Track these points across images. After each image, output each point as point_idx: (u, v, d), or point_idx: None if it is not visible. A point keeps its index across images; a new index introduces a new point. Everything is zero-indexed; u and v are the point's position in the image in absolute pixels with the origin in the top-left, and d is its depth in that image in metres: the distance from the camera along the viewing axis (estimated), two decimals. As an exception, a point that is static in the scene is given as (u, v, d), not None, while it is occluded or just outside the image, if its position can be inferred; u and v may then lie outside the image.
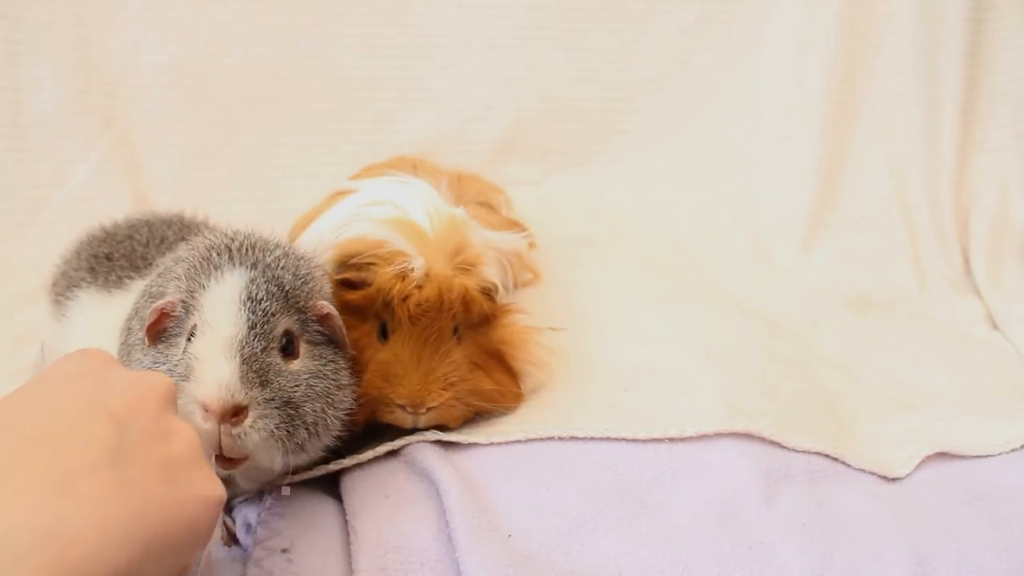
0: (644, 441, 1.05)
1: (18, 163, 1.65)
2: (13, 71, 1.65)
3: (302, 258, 0.98)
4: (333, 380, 0.93)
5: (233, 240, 0.94)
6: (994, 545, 0.95)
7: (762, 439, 1.07)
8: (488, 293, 1.08)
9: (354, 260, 1.06)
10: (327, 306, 0.96)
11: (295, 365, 0.90)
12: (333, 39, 1.80)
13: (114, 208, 1.66)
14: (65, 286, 1.19)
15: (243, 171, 1.76)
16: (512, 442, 1.05)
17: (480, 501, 0.95)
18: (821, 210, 1.81)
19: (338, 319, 0.96)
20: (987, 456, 1.12)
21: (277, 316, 0.89)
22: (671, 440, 1.06)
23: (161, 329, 0.91)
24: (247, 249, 0.93)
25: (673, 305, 1.46)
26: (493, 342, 1.10)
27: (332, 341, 0.96)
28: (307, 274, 0.96)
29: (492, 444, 1.05)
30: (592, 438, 1.05)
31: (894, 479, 1.09)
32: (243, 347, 0.86)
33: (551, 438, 1.05)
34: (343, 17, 1.80)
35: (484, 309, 1.07)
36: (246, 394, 0.84)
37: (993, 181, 1.80)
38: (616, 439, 1.05)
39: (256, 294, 0.89)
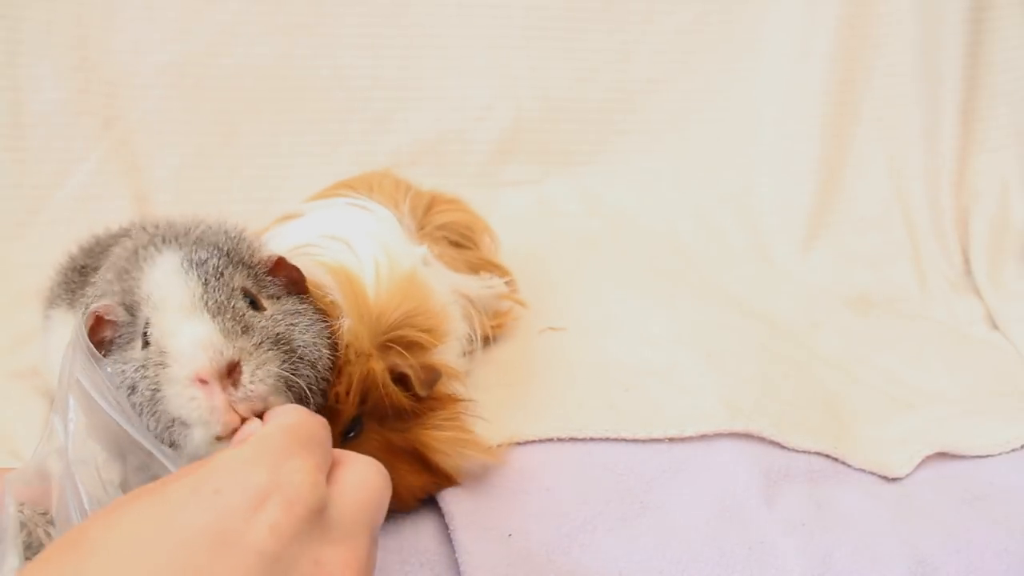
0: (644, 441, 1.05)
1: (18, 163, 1.65)
2: (13, 71, 1.65)
3: (226, 224, 0.90)
4: (308, 321, 0.85)
5: (155, 233, 0.87)
6: (994, 545, 0.95)
7: (762, 439, 1.07)
8: (407, 382, 0.90)
9: None
10: (275, 253, 0.88)
11: (267, 313, 0.82)
12: (333, 39, 1.80)
13: (114, 208, 1.66)
14: (46, 303, 1.13)
15: (243, 171, 1.76)
16: (511, 445, 1.05)
17: (479, 502, 0.95)
18: (821, 210, 1.81)
19: (290, 262, 0.88)
20: (987, 456, 1.12)
21: (227, 272, 0.81)
22: (671, 440, 1.06)
23: (105, 339, 0.82)
24: (169, 236, 0.86)
25: (673, 305, 1.46)
26: (408, 440, 0.92)
27: (293, 292, 0.88)
28: (239, 234, 0.89)
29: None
30: (592, 439, 1.05)
31: (894, 479, 1.09)
32: (207, 303, 0.78)
33: (550, 439, 1.05)
34: (343, 17, 1.80)
35: (397, 401, 0.89)
36: (233, 346, 0.75)
37: (993, 181, 1.80)
38: (616, 439, 1.05)
39: (197, 258, 0.81)
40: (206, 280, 0.79)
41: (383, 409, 0.89)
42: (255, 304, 0.82)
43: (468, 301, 1.17)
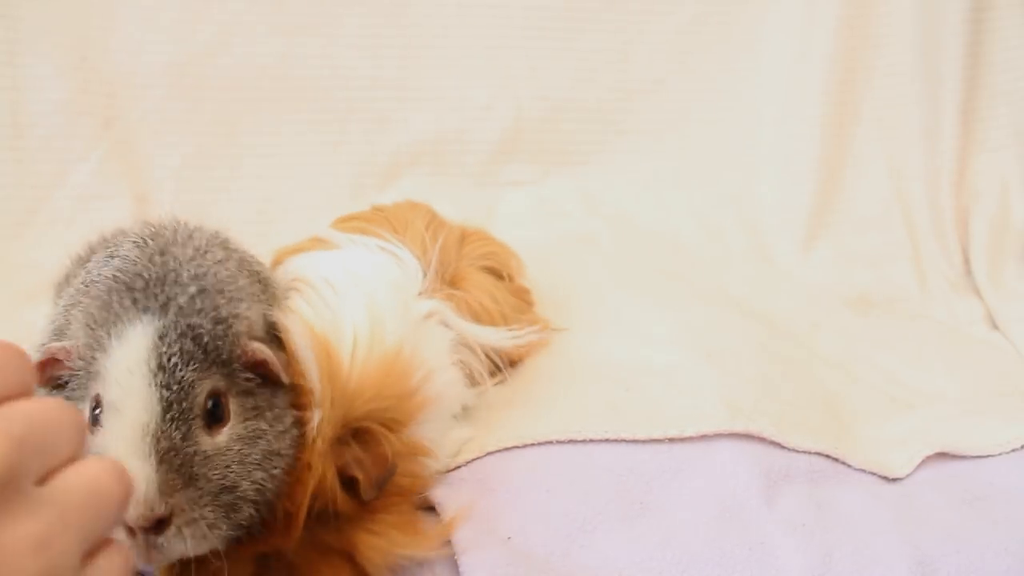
0: (644, 442, 1.05)
1: (18, 163, 1.65)
2: (13, 71, 1.66)
3: (224, 289, 0.81)
4: (272, 433, 0.79)
5: (140, 272, 0.78)
6: (994, 545, 0.95)
7: (762, 439, 1.07)
8: (355, 486, 0.84)
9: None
10: (259, 350, 0.80)
11: (223, 436, 0.76)
12: (333, 39, 1.80)
13: (114, 208, 1.67)
14: (56, 291, 1.06)
15: (243, 171, 1.76)
16: (510, 448, 1.05)
17: (478, 504, 0.95)
18: (821, 210, 1.81)
19: (274, 361, 0.80)
20: (987, 456, 1.12)
21: (198, 382, 0.75)
22: (671, 441, 1.05)
23: (54, 376, 0.78)
24: (155, 284, 0.77)
25: (673, 305, 1.46)
26: (340, 541, 0.86)
27: (267, 385, 0.81)
28: (230, 315, 0.79)
29: (488, 453, 1.04)
30: (592, 439, 1.05)
31: (894, 479, 1.09)
32: (158, 440, 0.71)
33: (549, 442, 1.05)
34: (343, 17, 1.80)
35: (341, 507, 0.84)
36: (167, 502, 0.70)
37: (993, 181, 1.80)
38: (616, 440, 1.05)
39: (168, 360, 0.74)
40: (168, 404, 0.73)
41: (324, 510, 0.84)
42: (218, 408, 0.76)
43: (478, 349, 1.15)
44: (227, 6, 1.76)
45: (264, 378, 0.81)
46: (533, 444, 1.04)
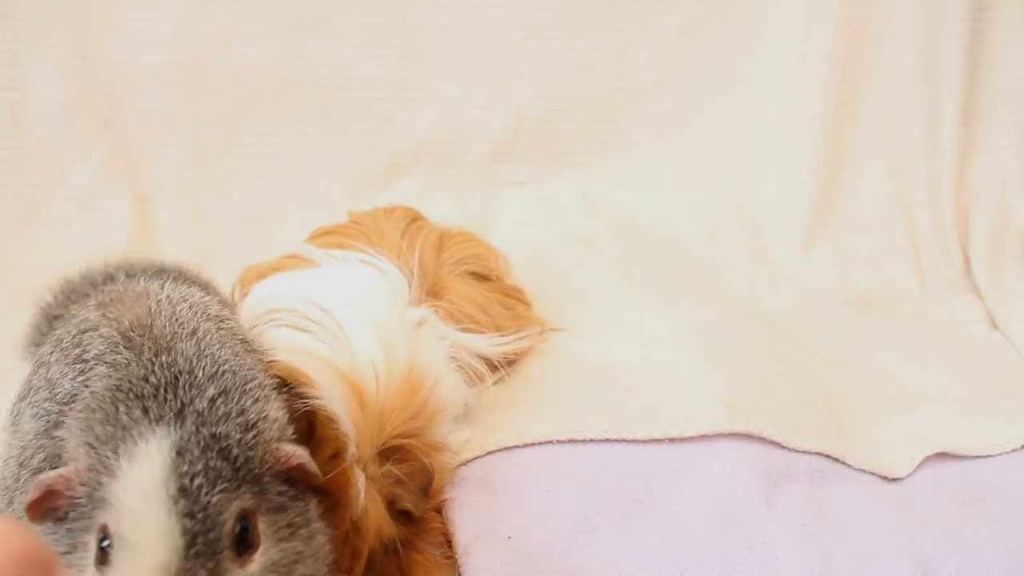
0: (644, 442, 1.05)
1: (18, 163, 1.65)
2: (13, 71, 1.65)
3: (249, 386, 0.71)
4: (309, 553, 0.69)
5: (146, 367, 0.68)
6: (994, 545, 0.95)
7: (762, 439, 1.07)
8: (408, 513, 0.86)
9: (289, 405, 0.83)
10: (295, 454, 0.70)
11: (255, 565, 0.65)
12: (333, 39, 1.80)
13: (114, 208, 1.66)
14: (18, 352, 0.99)
15: (243, 171, 1.76)
16: (511, 447, 1.05)
17: (480, 503, 0.95)
18: (821, 210, 1.81)
19: (312, 464, 0.71)
20: (987, 456, 1.12)
21: (225, 504, 0.63)
22: (671, 440, 1.06)
23: (54, 509, 0.66)
24: (167, 388, 0.67)
25: (673, 305, 1.46)
26: (399, 568, 0.87)
27: (301, 494, 0.72)
28: (259, 418, 0.69)
29: (488, 453, 1.04)
30: (592, 439, 1.05)
31: (894, 479, 1.09)
32: None
33: (549, 442, 1.05)
34: (343, 17, 1.80)
35: (393, 537, 0.85)
36: None
37: (993, 181, 1.80)
38: (616, 440, 1.05)
39: (191, 481, 0.62)
40: (192, 536, 0.61)
41: (381, 539, 0.85)
42: (247, 532, 0.65)
43: (473, 357, 1.15)
44: (227, 6, 1.75)
45: (295, 485, 0.71)
46: (534, 443, 1.05)
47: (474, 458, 1.04)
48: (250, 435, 0.67)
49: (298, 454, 0.70)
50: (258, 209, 1.74)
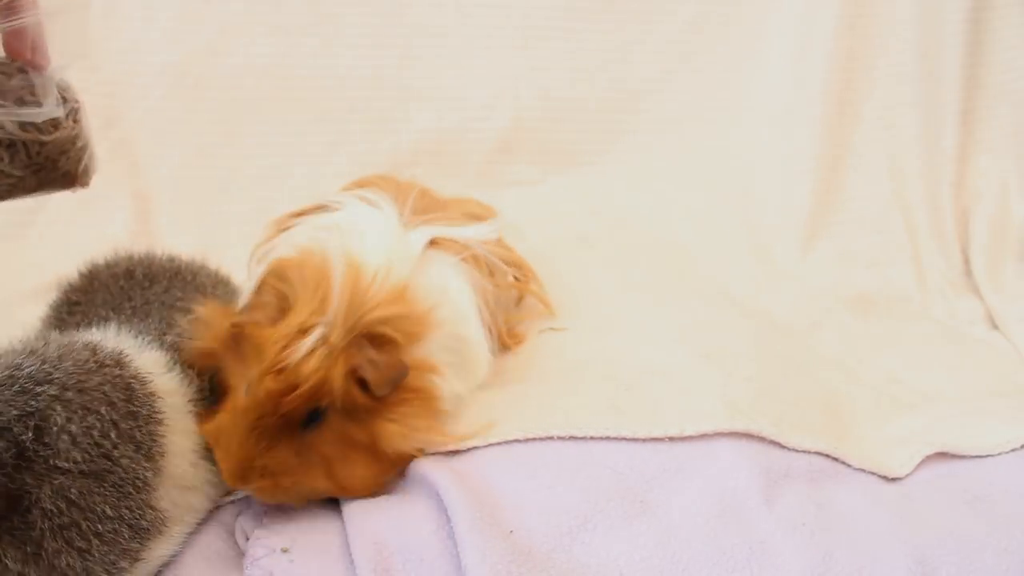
0: (644, 440, 1.05)
1: (18, 163, 1.64)
2: (13, 71, 1.65)
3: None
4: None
5: None
6: (994, 545, 0.95)
7: (762, 439, 1.07)
8: (364, 382, 0.97)
9: (253, 303, 1.04)
10: None
11: None
12: (333, 39, 1.80)
13: (114, 208, 1.67)
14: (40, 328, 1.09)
15: (243, 171, 1.76)
16: (511, 441, 1.05)
17: (480, 498, 0.95)
18: (821, 210, 1.81)
19: None
20: (987, 456, 1.12)
21: None
22: (671, 439, 1.06)
23: None
24: None
25: (673, 305, 1.46)
26: (366, 432, 0.99)
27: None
28: None
29: (490, 445, 1.05)
30: (592, 437, 1.05)
31: (894, 479, 1.09)
32: None
33: (550, 438, 1.05)
34: (343, 17, 1.80)
35: (353, 400, 0.97)
36: None
37: (993, 181, 1.80)
38: (616, 438, 1.05)
39: None
40: None
41: (346, 404, 0.96)
42: None
43: (482, 255, 1.25)
44: (227, 6, 1.76)
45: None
46: (535, 439, 1.05)
47: (474, 447, 1.04)
48: None
49: None
50: (258, 209, 1.73)
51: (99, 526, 0.83)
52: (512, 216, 1.74)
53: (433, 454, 1.04)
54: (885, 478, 1.09)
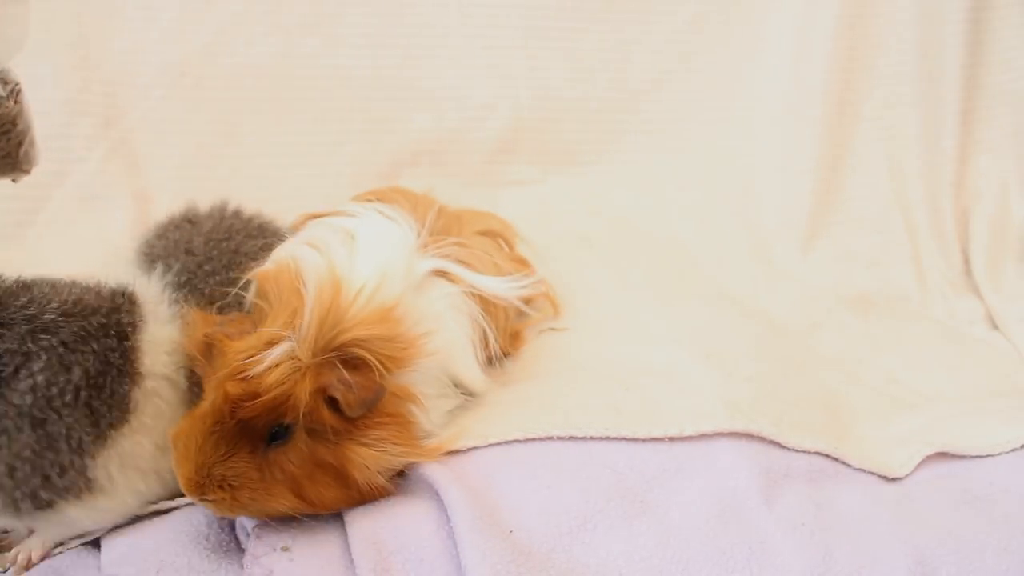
0: (644, 440, 1.05)
1: (18, 163, 1.64)
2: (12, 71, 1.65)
3: None
4: None
5: None
6: (994, 545, 0.95)
7: (762, 439, 1.07)
8: (335, 402, 0.94)
9: (228, 319, 1.01)
10: None
11: None
12: (334, 39, 1.80)
13: (114, 208, 1.66)
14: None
15: (243, 171, 1.76)
16: (511, 442, 1.05)
17: (480, 498, 0.95)
18: (821, 210, 1.81)
19: None
20: (987, 456, 1.12)
21: None
22: (671, 439, 1.06)
23: None
24: None
25: (673, 305, 1.46)
26: (334, 454, 0.96)
27: None
28: None
29: (490, 445, 1.05)
30: (592, 437, 1.05)
31: (894, 479, 1.09)
32: None
33: (550, 438, 1.05)
34: (344, 17, 1.80)
35: (322, 420, 0.94)
36: None
37: (993, 181, 1.80)
38: (616, 438, 1.05)
39: None
40: None
41: (315, 423, 0.94)
42: None
43: (484, 309, 1.20)
44: (227, 6, 1.75)
45: None
46: (535, 439, 1.05)
47: (474, 447, 1.04)
48: None
49: None
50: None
51: (15, 463, 0.90)
52: (512, 216, 1.74)
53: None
54: (885, 478, 1.09)
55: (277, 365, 0.92)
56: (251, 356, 0.93)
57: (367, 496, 0.97)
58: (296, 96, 1.79)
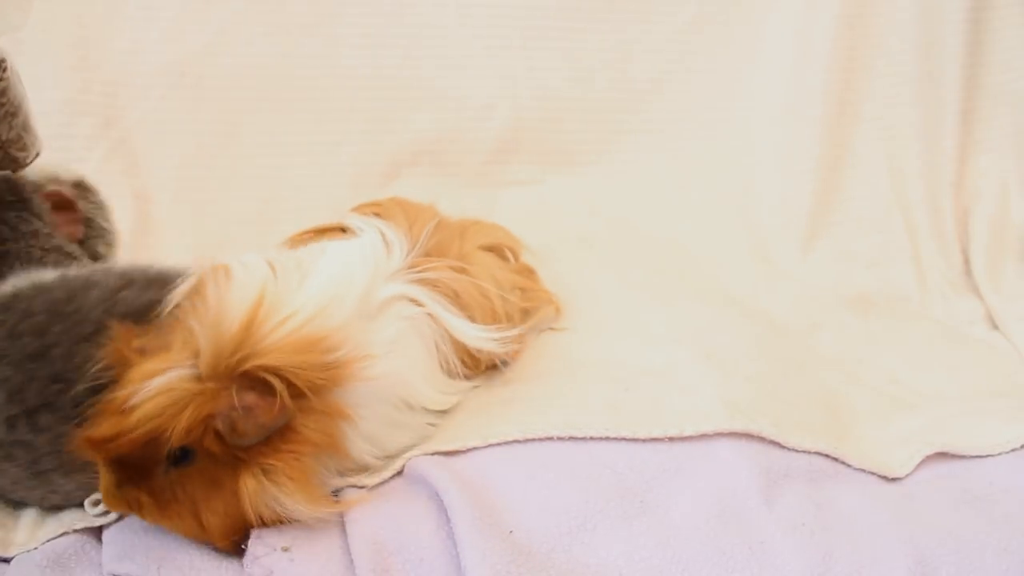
0: (644, 440, 1.05)
1: (18, 163, 1.64)
2: (13, 71, 1.65)
3: None
4: None
5: None
6: (994, 545, 0.95)
7: (762, 439, 1.07)
8: (219, 432, 0.90)
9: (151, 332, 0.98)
10: None
11: None
12: (333, 39, 1.80)
13: (114, 208, 1.66)
14: None
15: (243, 171, 1.76)
16: (511, 442, 1.05)
17: (480, 499, 0.95)
18: (821, 210, 1.81)
19: None
20: (987, 456, 1.12)
21: None
22: (671, 440, 1.06)
23: None
24: None
25: (673, 305, 1.46)
26: (231, 480, 0.93)
27: None
28: None
29: (490, 445, 1.05)
30: (592, 438, 1.05)
31: (894, 479, 1.09)
32: None
33: (550, 438, 1.05)
34: (343, 17, 1.80)
35: (209, 446, 0.90)
36: None
37: (993, 181, 1.80)
38: (616, 439, 1.05)
39: None
40: None
41: (207, 449, 0.91)
42: None
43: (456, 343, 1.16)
44: (227, 6, 1.75)
45: None
46: (535, 439, 1.05)
47: (474, 448, 1.04)
48: None
49: None
50: (258, 209, 1.74)
51: None
52: (512, 216, 1.75)
53: (432, 454, 1.04)
54: (885, 478, 1.09)
55: (158, 394, 0.89)
56: (130, 390, 0.90)
57: (257, 523, 0.93)
58: (296, 96, 1.79)
